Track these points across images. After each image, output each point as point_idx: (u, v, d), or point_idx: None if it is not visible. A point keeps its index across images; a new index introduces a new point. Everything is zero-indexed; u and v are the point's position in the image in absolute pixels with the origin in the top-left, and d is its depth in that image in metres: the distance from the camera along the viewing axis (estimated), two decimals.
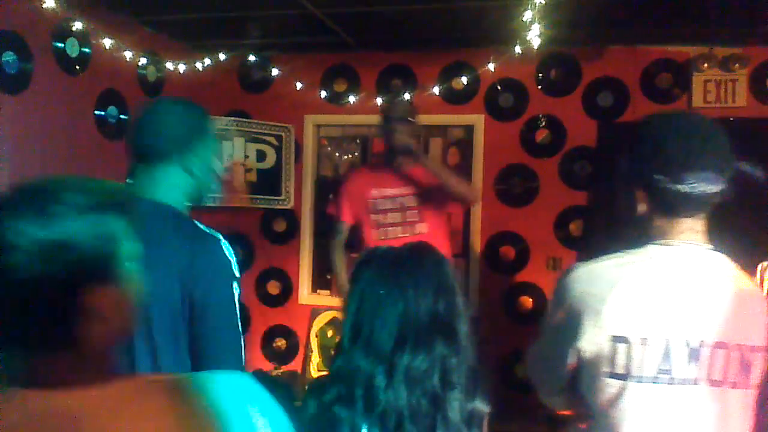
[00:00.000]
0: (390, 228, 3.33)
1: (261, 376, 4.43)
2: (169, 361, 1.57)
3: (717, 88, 3.96)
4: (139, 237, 1.61)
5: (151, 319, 1.55)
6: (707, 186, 1.34)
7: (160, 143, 1.70)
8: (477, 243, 4.33)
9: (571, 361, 1.40)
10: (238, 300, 1.64)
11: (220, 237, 1.66)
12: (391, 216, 3.33)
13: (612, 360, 1.33)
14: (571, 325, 1.38)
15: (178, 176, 1.72)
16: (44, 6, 3.03)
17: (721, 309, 1.35)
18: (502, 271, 4.31)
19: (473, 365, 1.39)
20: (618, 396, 1.34)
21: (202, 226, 1.68)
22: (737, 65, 3.91)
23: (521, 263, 4.28)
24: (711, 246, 1.41)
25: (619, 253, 1.43)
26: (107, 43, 3.53)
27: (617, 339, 1.33)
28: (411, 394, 1.31)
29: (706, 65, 3.93)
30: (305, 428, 1.37)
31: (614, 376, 1.34)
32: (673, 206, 1.38)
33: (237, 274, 1.65)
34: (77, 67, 3.46)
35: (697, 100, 3.97)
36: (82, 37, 3.45)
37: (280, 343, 4.66)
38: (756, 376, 1.37)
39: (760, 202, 3.66)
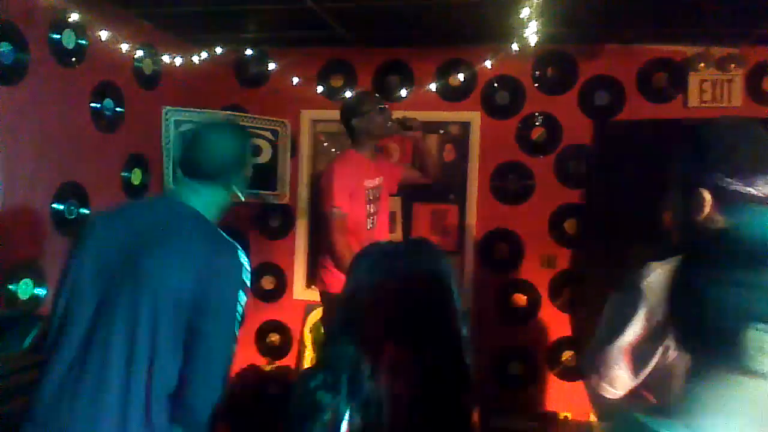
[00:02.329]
0: (374, 218, 3.41)
1: (254, 372, 4.43)
2: (166, 349, 1.64)
3: (713, 88, 3.97)
4: (162, 231, 1.70)
5: (158, 304, 1.63)
6: None
7: (211, 167, 1.87)
8: (472, 240, 4.33)
9: (659, 359, 1.44)
10: (242, 307, 1.75)
11: (239, 246, 1.81)
12: (375, 206, 3.41)
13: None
14: (660, 326, 1.42)
15: (219, 195, 1.92)
16: None
17: None
18: (497, 268, 4.31)
19: (462, 361, 1.39)
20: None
21: (225, 235, 1.83)
22: (733, 65, 3.92)
23: (516, 261, 4.28)
24: None
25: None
26: (104, 35, 3.51)
27: None
28: (394, 384, 1.32)
29: (702, 65, 3.94)
30: (289, 415, 1.38)
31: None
32: (740, 210, 1.44)
33: (248, 283, 1.77)
34: (73, 58, 3.44)
35: (693, 100, 3.99)
36: (79, 29, 3.43)
37: (274, 338, 4.66)
38: None
39: None
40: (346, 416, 1.33)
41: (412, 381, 1.33)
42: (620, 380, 1.54)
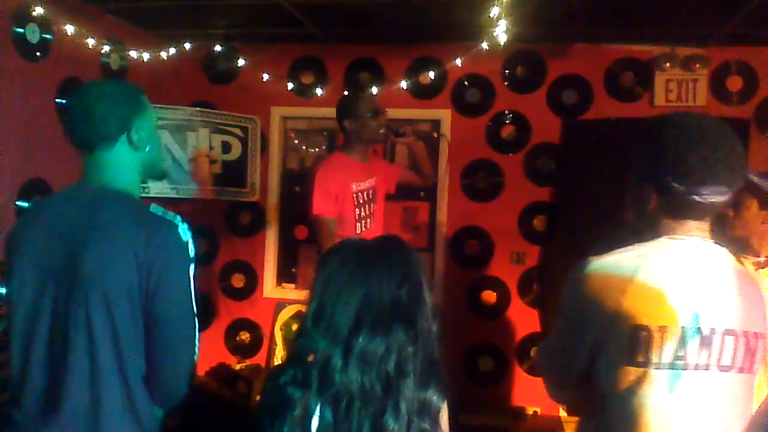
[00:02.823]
0: (366, 221, 3.35)
1: (224, 370, 4.40)
2: (128, 343, 1.60)
3: (678, 87, 4.04)
4: (92, 225, 1.61)
5: (110, 303, 1.58)
6: (719, 197, 1.42)
7: (102, 126, 1.68)
8: (442, 237, 4.35)
9: (589, 351, 1.44)
10: (194, 282, 1.67)
11: (176, 220, 1.67)
12: (366, 209, 3.35)
13: (632, 348, 1.39)
14: (590, 317, 1.43)
15: (127, 155, 1.73)
16: None
17: (728, 298, 1.42)
18: (467, 265, 4.34)
19: (432, 357, 1.40)
20: (637, 383, 1.39)
21: (156, 210, 1.69)
22: (698, 65, 3.99)
23: (486, 258, 4.31)
24: (714, 241, 1.49)
25: (630, 247, 1.48)
26: (69, 29, 3.45)
27: (638, 328, 1.38)
28: (364, 377, 1.33)
29: (668, 65, 4.01)
30: (259, 411, 1.38)
31: (634, 364, 1.39)
32: (684, 212, 1.45)
33: (192, 257, 1.67)
34: (38, 53, 3.38)
35: (659, 99, 4.05)
36: (43, 23, 3.37)
37: (244, 336, 4.63)
38: (758, 361, 1.45)
39: None
40: (317, 411, 1.33)
41: (383, 375, 1.34)
42: (561, 373, 1.56)
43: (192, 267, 1.66)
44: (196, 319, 1.68)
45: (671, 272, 1.41)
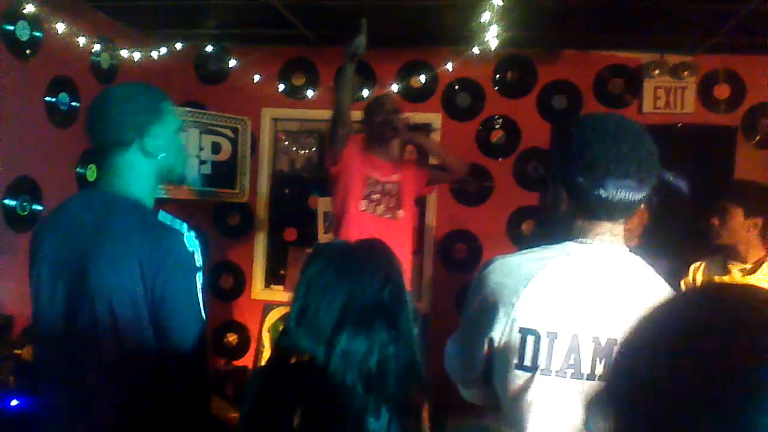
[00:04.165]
0: (376, 205, 3.41)
1: (211, 372, 4.38)
2: (132, 351, 1.59)
3: (667, 94, 4.08)
4: (101, 231, 1.61)
5: (115, 310, 1.58)
6: (627, 193, 1.34)
7: (116, 131, 1.67)
8: (431, 241, 4.36)
9: (484, 351, 1.40)
10: (202, 290, 1.66)
11: (184, 229, 1.66)
12: (378, 198, 3.42)
13: (521, 352, 1.34)
14: (486, 316, 1.38)
15: (141, 162, 1.71)
16: None
17: (630, 308, 1.34)
18: (456, 269, 4.35)
19: (413, 357, 1.42)
20: (524, 388, 1.35)
21: (164, 218, 1.67)
22: (686, 73, 4.03)
23: (474, 261, 4.32)
24: (628, 247, 1.43)
25: (537, 248, 1.43)
26: (60, 27, 3.44)
27: (527, 331, 1.34)
28: (346, 375, 1.34)
29: (656, 72, 4.05)
30: (242, 411, 1.39)
31: (522, 368, 1.35)
32: (593, 209, 1.38)
33: (199, 265, 1.66)
34: (27, 51, 3.36)
35: (648, 106, 4.09)
36: (34, 21, 3.35)
37: (232, 338, 4.62)
38: None
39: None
40: (299, 410, 1.34)
41: (364, 374, 1.35)
42: (464, 371, 1.53)
43: (199, 275, 1.65)
44: (204, 327, 1.66)
45: (571, 278, 1.36)
